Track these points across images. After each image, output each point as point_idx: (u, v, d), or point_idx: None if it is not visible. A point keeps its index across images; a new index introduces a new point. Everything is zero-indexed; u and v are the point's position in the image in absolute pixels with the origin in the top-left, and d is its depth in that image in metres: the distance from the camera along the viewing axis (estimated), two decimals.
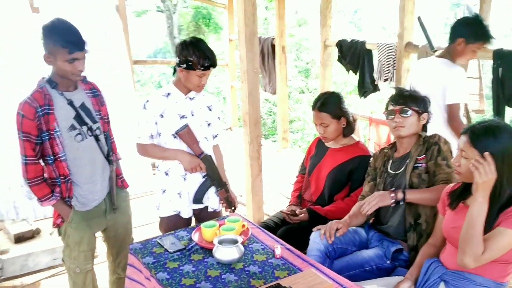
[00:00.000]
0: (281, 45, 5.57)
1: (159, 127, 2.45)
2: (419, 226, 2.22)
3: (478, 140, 1.74)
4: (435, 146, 2.21)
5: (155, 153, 2.49)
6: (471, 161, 1.73)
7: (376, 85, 4.30)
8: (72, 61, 2.11)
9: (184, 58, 2.32)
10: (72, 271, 2.37)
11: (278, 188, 4.89)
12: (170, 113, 2.44)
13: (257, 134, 3.34)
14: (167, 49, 17.59)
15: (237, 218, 2.30)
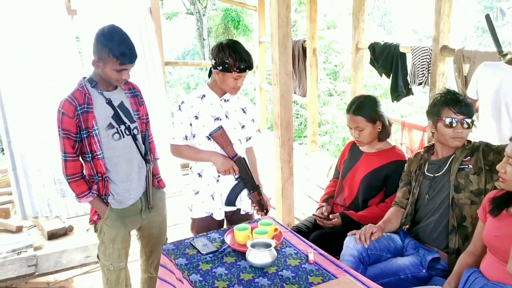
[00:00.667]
0: (312, 47, 5.54)
1: (194, 128, 2.46)
2: (464, 228, 2.16)
3: None
4: (480, 147, 2.19)
5: (189, 154, 2.50)
6: None
7: (410, 89, 4.21)
8: (120, 71, 2.16)
9: (221, 60, 2.32)
10: (106, 268, 2.40)
11: (306, 191, 4.86)
12: (204, 115, 2.44)
13: (289, 137, 3.32)
14: (196, 50, 17.77)
15: (270, 221, 2.29)
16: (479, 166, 2.16)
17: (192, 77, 13.09)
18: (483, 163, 2.15)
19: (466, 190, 2.17)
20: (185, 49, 21.25)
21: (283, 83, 3.20)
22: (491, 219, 1.86)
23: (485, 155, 2.16)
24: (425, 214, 2.30)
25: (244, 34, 15.72)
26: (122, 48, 2.11)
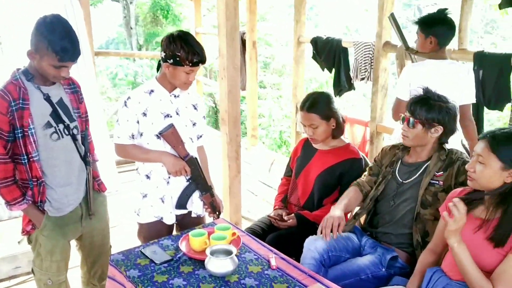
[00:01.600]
0: (252, 40, 5.44)
1: (141, 126, 2.27)
2: (426, 244, 2.12)
3: (499, 146, 1.68)
4: (458, 162, 2.12)
5: (136, 155, 2.30)
6: (449, 204, 1.71)
7: (352, 83, 4.24)
8: (59, 68, 1.93)
9: (171, 53, 2.14)
10: (43, 283, 2.16)
11: (249, 187, 4.77)
12: (153, 112, 2.26)
13: (236, 134, 3.19)
14: (121, 39, 17.05)
15: (227, 225, 2.16)
16: (449, 184, 2.11)
17: (120, 68, 12.52)
18: (454, 182, 2.11)
19: (432, 207, 2.14)
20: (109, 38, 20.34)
21: (230, 77, 3.06)
22: None
23: (458, 174, 2.10)
24: (387, 220, 2.27)
25: (174, 24, 15.29)
26: (64, 42, 1.87)
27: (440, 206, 2.08)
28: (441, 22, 2.71)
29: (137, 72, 11.67)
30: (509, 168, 1.67)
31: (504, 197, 1.71)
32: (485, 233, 1.74)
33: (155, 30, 15.72)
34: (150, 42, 15.42)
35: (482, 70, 3.14)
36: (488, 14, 16.21)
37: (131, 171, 4.99)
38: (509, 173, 1.68)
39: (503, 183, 1.70)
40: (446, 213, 1.72)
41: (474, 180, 1.75)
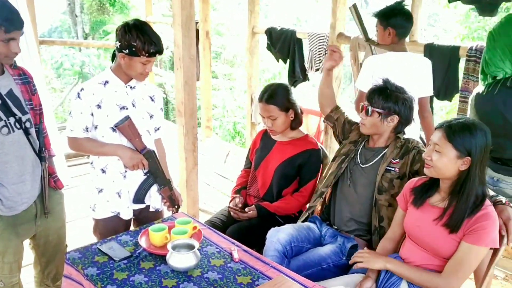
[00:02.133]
0: (205, 30, 5.36)
1: (96, 119, 2.19)
2: (382, 229, 2.21)
3: (454, 136, 1.74)
4: (414, 150, 2.18)
5: (91, 148, 2.22)
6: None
7: (307, 74, 4.28)
8: (8, 41, 1.80)
9: (127, 43, 2.07)
10: None
11: (205, 180, 4.73)
12: (108, 103, 2.18)
13: (193, 126, 3.13)
14: (65, 27, 16.39)
15: (188, 219, 2.12)
16: (404, 171, 2.18)
17: (66, 57, 12.01)
18: (408, 170, 2.18)
19: (387, 193, 2.20)
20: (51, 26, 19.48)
21: (187, 68, 2.99)
22: (413, 208, 1.92)
23: (413, 162, 2.17)
24: (343, 204, 2.33)
25: (122, 13, 14.84)
26: (4, 13, 1.78)
27: (394, 193, 2.17)
28: (398, 13, 2.76)
29: (84, 62, 11.23)
30: (463, 156, 1.74)
31: (458, 185, 1.78)
32: (442, 221, 1.80)
33: (102, 18, 15.21)
34: (97, 31, 14.90)
35: (432, 62, 3.25)
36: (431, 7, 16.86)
37: (81, 164, 4.82)
38: (463, 161, 1.74)
39: (458, 171, 1.76)
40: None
41: (431, 168, 1.81)
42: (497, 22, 2.26)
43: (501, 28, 2.19)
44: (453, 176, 1.78)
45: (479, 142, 1.72)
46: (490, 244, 1.72)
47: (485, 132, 1.75)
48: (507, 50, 2.14)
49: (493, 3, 2.91)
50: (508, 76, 2.17)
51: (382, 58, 2.88)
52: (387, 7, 2.82)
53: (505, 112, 2.17)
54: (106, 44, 7.78)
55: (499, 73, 2.20)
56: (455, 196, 1.78)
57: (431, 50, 3.24)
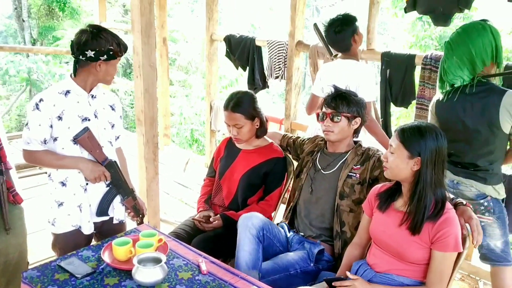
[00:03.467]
0: (162, 36, 5.28)
1: (55, 131, 2.09)
2: (343, 234, 2.25)
3: (406, 137, 1.82)
4: (374, 157, 2.26)
5: (50, 162, 2.11)
6: None
7: (266, 82, 4.29)
8: None
9: (104, 48, 2.04)
10: None
11: (165, 189, 4.63)
12: (70, 115, 2.10)
13: (154, 134, 3.07)
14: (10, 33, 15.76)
15: (152, 232, 2.06)
16: (365, 177, 2.25)
17: (12, 64, 11.51)
18: (369, 176, 2.25)
19: (348, 198, 2.26)
20: None
21: (146, 76, 2.93)
22: (379, 214, 1.96)
23: (373, 169, 2.24)
24: (307, 210, 2.36)
25: (72, 18, 14.42)
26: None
27: (355, 198, 2.24)
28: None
29: (31, 68, 10.81)
30: (414, 157, 1.81)
31: (414, 186, 1.84)
32: (405, 224, 1.84)
33: (51, 24, 14.71)
34: (46, 37, 14.40)
35: (389, 70, 3.34)
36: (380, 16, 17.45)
37: (33, 176, 4.61)
38: (414, 161, 1.82)
39: (411, 172, 1.83)
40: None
41: (388, 169, 1.89)
42: (454, 32, 2.34)
43: (458, 38, 2.28)
44: (409, 178, 1.85)
45: (429, 143, 1.80)
46: (457, 248, 1.78)
47: (436, 134, 1.82)
48: (465, 59, 2.23)
49: (446, 14, 3.02)
50: (466, 83, 2.26)
51: (329, 65, 3.01)
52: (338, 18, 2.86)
53: (464, 118, 2.25)
54: (57, 50, 7.51)
55: (457, 81, 2.28)
56: (412, 197, 1.83)
57: (388, 58, 3.32)
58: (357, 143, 2.38)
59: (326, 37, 2.93)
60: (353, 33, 2.85)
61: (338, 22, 2.84)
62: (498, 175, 2.32)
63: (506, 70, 2.65)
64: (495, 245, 2.34)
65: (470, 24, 2.29)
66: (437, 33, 10.63)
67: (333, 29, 2.84)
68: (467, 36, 2.25)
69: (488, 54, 2.21)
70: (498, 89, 2.21)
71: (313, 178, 2.36)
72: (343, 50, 2.90)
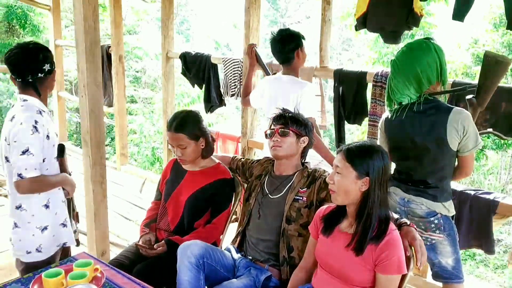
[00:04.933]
0: (118, 54, 5.18)
1: (45, 151, 2.11)
2: (292, 259, 2.19)
3: (353, 157, 1.79)
4: (320, 179, 2.21)
5: (47, 184, 2.15)
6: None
7: (223, 100, 4.24)
8: None
9: (51, 60, 2.15)
10: None
11: (119, 210, 4.49)
12: (52, 133, 2.14)
13: (101, 156, 2.95)
14: None
15: (88, 261, 1.94)
16: (312, 200, 2.20)
17: None
18: (316, 198, 2.20)
19: (296, 222, 2.20)
20: None
21: (92, 95, 2.82)
22: (323, 237, 1.91)
23: (320, 190, 2.20)
24: (255, 235, 2.30)
25: (33, 35, 14.12)
26: None
27: (303, 222, 2.18)
28: None
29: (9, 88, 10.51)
30: (363, 177, 1.78)
31: (361, 207, 1.81)
32: (351, 246, 1.80)
33: (11, 41, 14.36)
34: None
35: (342, 87, 3.34)
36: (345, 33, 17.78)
37: None
38: (363, 182, 1.78)
39: (359, 192, 1.79)
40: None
41: (335, 193, 1.83)
42: (399, 50, 2.35)
43: (403, 56, 2.28)
44: (356, 199, 1.81)
45: (376, 163, 1.78)
46: (400, 270, 1.74)
47: (382, 153, 1.81)
48: (411, 77, 2.23)
49: (395, 31, 3.05)
50: (413, 101, 2.26)
51: (272, 78, 3.10)
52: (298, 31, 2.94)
53: (413, 135, 2.24)
54: None
55: (404, 99, 2.28)
56: (359, 218, 1.79)
57: (340, 75, 3.32)
58: (304, 165, 2.33)
59: (271, 46, 2.97)
60: (297, 47, 2.92)
61: (285, 32, 2.93)
62: (448, 192, 2.31)
63: (454, 87, 2.67)
64: (447, 262, 2.32)
65: (414, 42, 2.30)
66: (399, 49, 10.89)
67: (278, 38, 2.92)
68: (412, 54, 2.25)
69: (433, 72, 2.22)
70: (444, 106, 2.22)
71: (260, 203, 2.31)
72: (284, 61, 2.94)
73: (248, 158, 2.63)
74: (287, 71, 2.96)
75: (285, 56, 2.92)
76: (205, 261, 2.08)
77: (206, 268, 2.08)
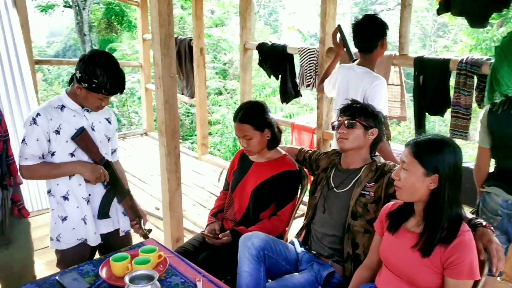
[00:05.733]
0: (199, 46, 5.31)
1: (53, 145, 2.10)
2: (357, 256, 2.09)
3: (421, 153, 1.65)
4: (389, 173, 2.07)
5: (48, 172, 2.12)
6: None
7: (299, 90, 4.18)
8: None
9: (88, 77, 1.99)
10: None
11: (198, 199, 4.62)
12: (67, 129, 2.10)
13: (175, 145, 3.05)
14: (77, 46, 16.57)
15: (153, 247, 2.01)
16: (379, 195, 2.09)
17: None
18: (384, 194, 2.08)
19: (362, 218, 2.10)
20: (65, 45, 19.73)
21: (167, 87, 2.92)
22: (389, 235, 1.79)
23: (389, 185, 2.07)
24: (320, 229, 2.23)
25: (129, 30, 14.99)
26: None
27: (370, 218, 2.06)
28: None
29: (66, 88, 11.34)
30: (431, 174, 1.64)
31: (430, 206, 1.67)
32: (417, 247, 1.68)
33: (110, 37, 15.37)
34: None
35: (423, 76, 3.13)
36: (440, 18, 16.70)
37: None
38: (431, 179, 1.65)
39: (427, 190, 1.66)
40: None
41: (400, 190, 1.71)
42: (504, 36, 2.12)
43: (511, 44, 2.06)
44: (424, 197, 1.68)
45: (447, 159, 1.63)
46: (472, 276, 1.59)
47: (454, 148, 1.65)
48: None
49: (482, 15, 2.79)
50: None
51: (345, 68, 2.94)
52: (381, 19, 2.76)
53: None
54: None
55: (511, 91, 2.07)
56: (428, 218, 1.66)
57: (421, 64, 3.12)
58: (373, 159, 2.21)
59: (354, 32, 2.77)
60: (382, 36, 2.72)
61: (371, 19, 2.73)
62: None
63: None
64: None
65: None
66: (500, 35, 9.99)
67: (363, 24, 2.73)
68: None
69: None
70: None
71: (326, 197, 2.23)
72: (365, 50, 2.76)
73: (315, 151, 2.55)
74: (363, 61, 2.80)
75: (367, 44, 2.74)
76: (266, 253, 2.05)
77: (267, 261, 2.06)
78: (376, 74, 2.73)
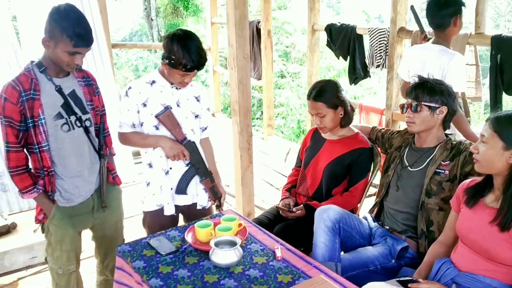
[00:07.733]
0: (267, 29, 5.39)
1: (141, 116, 2.31)
2: (431, 233, 2.12)
3: (500, 126, 1.66)
4: (465, 152, 2.08)
5: (137, 141, 2.35)
6: None
7: (368, 71, 4.17)
8: (74, 54, 1.94)
9: (167, 53, 2.16)
10: (55, 271, 2.20)
11: (264, 177, 4.76)
12: (153, 102, 2.29)
13: (248, 124, 3.18)
14: (144, 31, 17.14)
15: (233, 216, 2.15)
16: (455, 174, 2.09)
17: (141, 60, 12.62)
18: (459, 172, 2.08)
19: (436, 196, 2.12)
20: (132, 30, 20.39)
21: (240, 67, 3.04)
22: (466, 210, 1.81)
23: (465, 164, 2.07)
24: (393, 207, 2.27)
25: (195, 15, 15.29)
26: (78, 29, 1.90)
27: (445, 196, 2.07)
28: None
29: (157, 64, 11.73)
30: (511, 148, 1.64)
31: (508, 180, 1.68)
32: (496, 221, 1.69)
33: (176, 21, 15.76)
34: None
35: (500, 55, 3.04)
36: None
37: None
38: (511, 153, 1.65)
39: (507, 164, 1.67)
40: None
41: (479, 162, 1.73)
42: None
43: None
44: (503, 171, 1.68)
45: None
46: None
47: None
48: None
49: None
50: None
51: (413, 49, 2.91)
52: None
53: None
54: None
55: None
56: (507, 192, 1.67)
57: (499, 42, 3.03)
58: (448, 137, 2.21)
59: (427, 8, 2.73)
60: (456, 13, 2.65)
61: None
62: None
63: None
64: None
65: None
66: None
67: (436, 1, 2.68)
68: None
69: None
70: None
71: (399, 175, 2.26)
72: (438, 27, 2.70)
73: (388, 129, 2.57)
74: (438, 39, 2.74)
75: (440, 21, 2.67)
76: (341, 226, 2.13)
77: (341, 233, 2.13)
78: (453, 51, 2.68)
